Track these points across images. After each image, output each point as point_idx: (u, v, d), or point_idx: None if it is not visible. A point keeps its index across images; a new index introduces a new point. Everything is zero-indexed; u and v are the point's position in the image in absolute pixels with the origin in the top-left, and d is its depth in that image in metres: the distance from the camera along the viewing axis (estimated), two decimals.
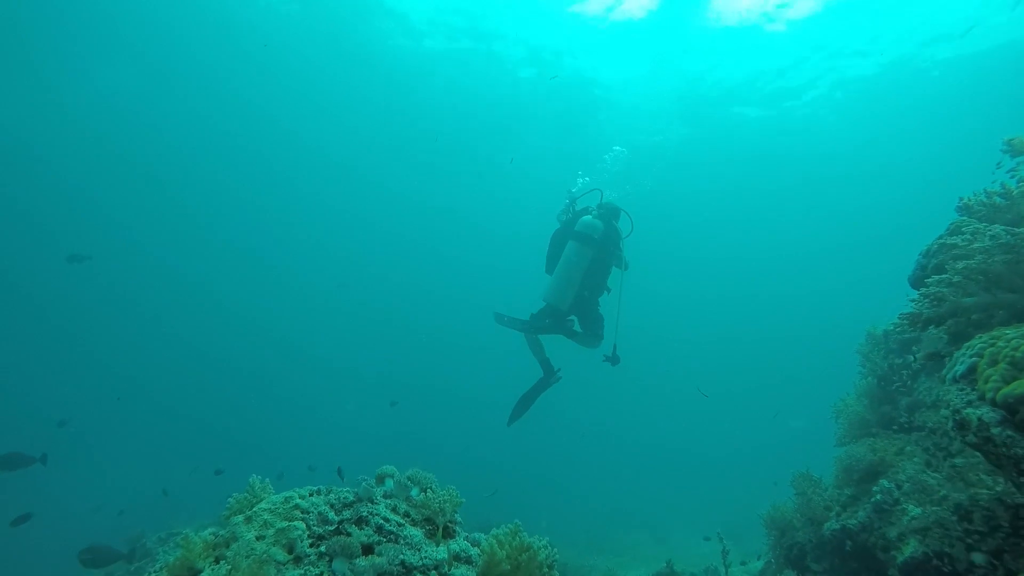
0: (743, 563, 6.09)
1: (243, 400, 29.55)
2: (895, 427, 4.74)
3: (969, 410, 2.20)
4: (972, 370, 2.28)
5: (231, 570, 2.01)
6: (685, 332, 34.87)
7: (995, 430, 2.08)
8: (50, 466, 7.04)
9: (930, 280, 2.52)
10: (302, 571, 2.13)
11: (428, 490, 2.60)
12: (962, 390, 2.30)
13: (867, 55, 16.56)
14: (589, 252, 5.77)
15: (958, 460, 3.73)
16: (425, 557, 2.31)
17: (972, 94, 17.38)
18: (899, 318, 2.72)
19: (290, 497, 2.40)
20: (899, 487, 4.27)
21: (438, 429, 27.57)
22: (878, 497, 4.26)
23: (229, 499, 2.41)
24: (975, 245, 2.58)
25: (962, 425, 2.25)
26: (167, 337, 29.90)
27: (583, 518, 14.55)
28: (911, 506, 4.03)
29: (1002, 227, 2.54)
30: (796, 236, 29.31)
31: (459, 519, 2.62)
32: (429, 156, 24.89)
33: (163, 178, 24.10)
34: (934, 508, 3.71)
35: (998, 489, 3.12)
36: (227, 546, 2.23)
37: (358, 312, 34.88)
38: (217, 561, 2.16)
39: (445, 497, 2.57)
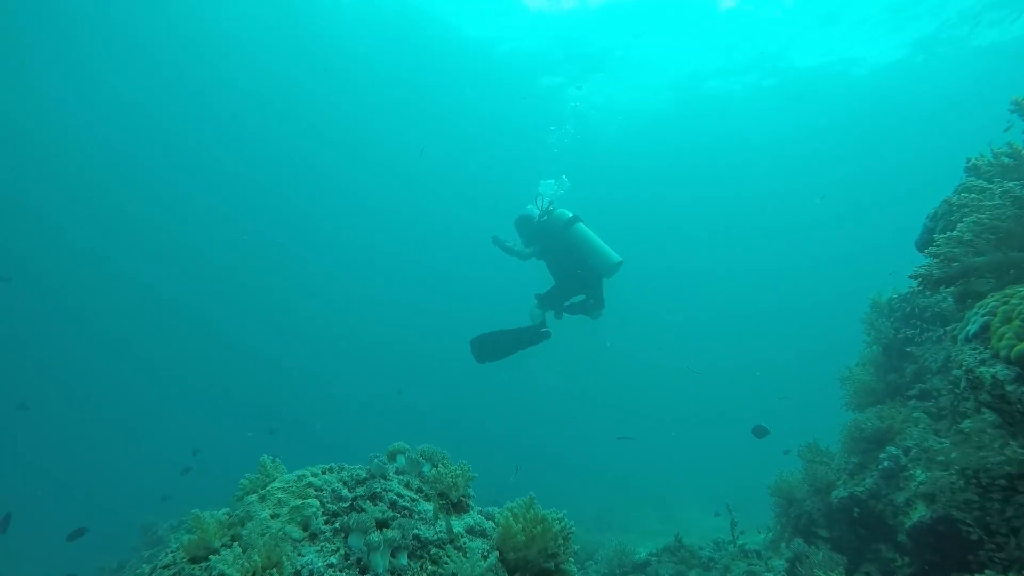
0: (741, 533, 6.21)
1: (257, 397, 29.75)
2: (902, 395, 4.75)
3: (983, 368, 2.18)
4: (985, 329, 2.25)
5: (248, 548, 2.01)
6: (691, 308, 34.84)
7: (1010, 387, 2.07)
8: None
9: (939, 238, 2.48)
10: (318, 547, 2.13)
11: (440, 465, 2.59)
12: (975, 349, 2.28)
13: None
14: (584, 225, 6.44)
15: (966, 424, 3.74)
16: (439, 531, 2.31)
17: (982, 61, 17.09)
18: (909, 277, 2.69)
19: (303, 475, 2.39)
20: (906, 453, 4.28)
21: (445, 413, 27.76)
22: (886, 464, 4.27)
23: (241, 479, 2.41)
24: (985, 204, 2.54)
25: (975, 384, 2.23)
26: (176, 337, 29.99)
27: (590, 495, 14.71)
28: (918, 471, 4.05)
29: (1013, 183, 2.50)
30: (796, 208, 29.03)
31: (472, 493, 2.62)
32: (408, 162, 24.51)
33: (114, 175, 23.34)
34: (941, 473, 3.72)
35: (1007, 452, 3.13)
36: (242, 525, 2.23)
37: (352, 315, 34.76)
38: (233, 540, 2.16)
39: (457, 472, 2.56)
